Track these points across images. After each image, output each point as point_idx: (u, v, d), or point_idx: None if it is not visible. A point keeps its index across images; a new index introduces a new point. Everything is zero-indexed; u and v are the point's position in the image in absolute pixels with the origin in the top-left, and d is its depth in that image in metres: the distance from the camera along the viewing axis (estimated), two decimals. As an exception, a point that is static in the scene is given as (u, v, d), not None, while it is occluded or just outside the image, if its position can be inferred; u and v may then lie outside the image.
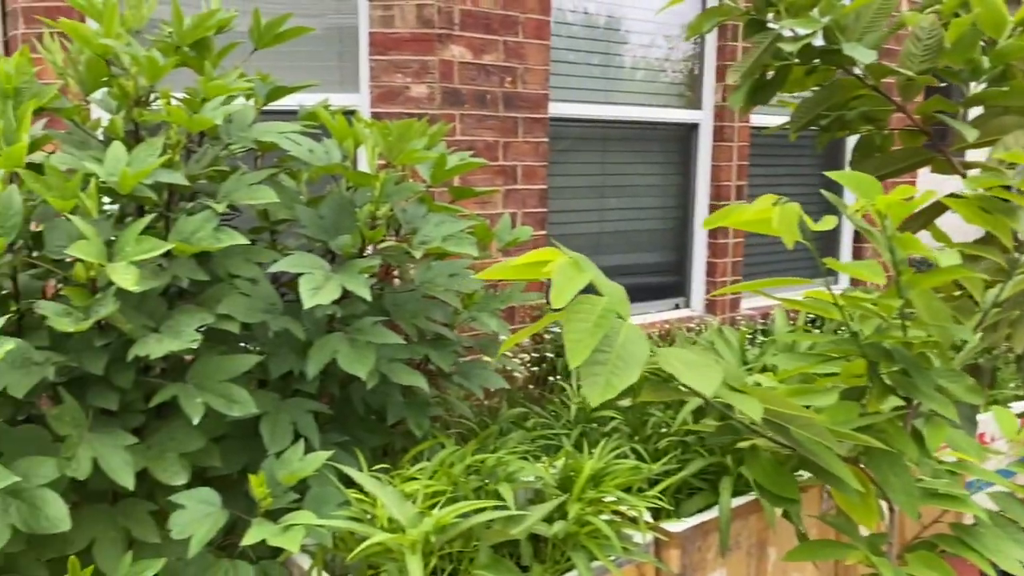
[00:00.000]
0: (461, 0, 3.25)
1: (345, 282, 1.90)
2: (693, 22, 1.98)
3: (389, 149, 2.01)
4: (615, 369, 1.03)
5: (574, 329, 1.03)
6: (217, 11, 2.08)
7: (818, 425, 1.08)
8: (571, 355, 1.03)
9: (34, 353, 1.69)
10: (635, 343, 1.05)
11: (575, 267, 1.09)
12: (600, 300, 1.09)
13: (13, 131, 1.63)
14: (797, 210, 1.05)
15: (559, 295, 1.04)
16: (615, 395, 1.03)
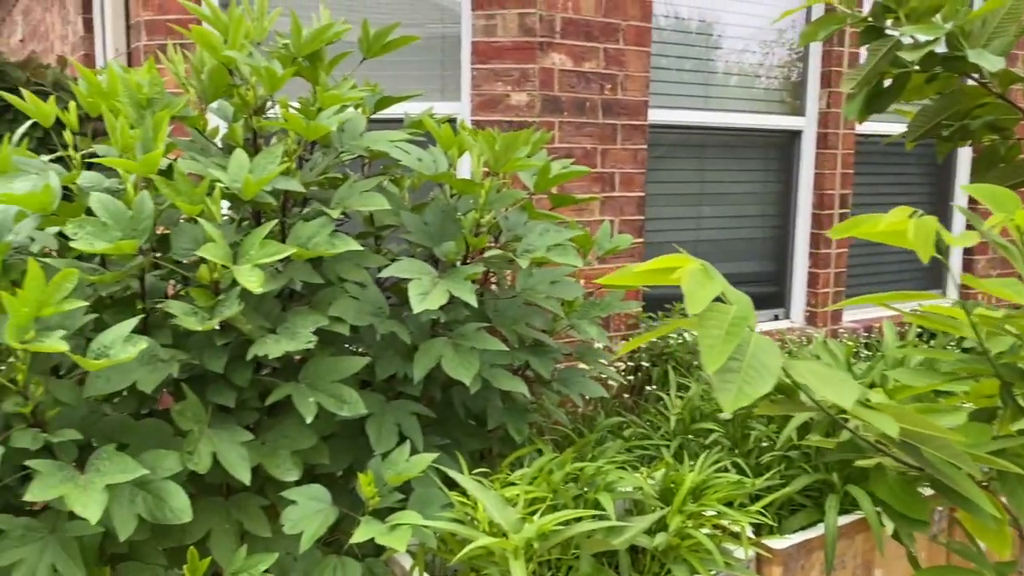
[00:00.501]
0: (563, 8, 3.26)
1: (451, 288, 1.93)
2: (807, 30, 1.94)
3: (495, 158, 2.03)
4: (748, 378, 1.02)
5: (707, 335, 1.03)
6: (333, 23, 2.14)
7: (954, 446, 1.04)
8: (706, 362, 1.03)
9: (160, 351, 1.77)
10: (766, 352, 1.04)
11: (706, 273, 1.08)
12: (730, 308, 1.08)
13: (150, 139, 1.72)
14: (935, 223, 1.02)
15: (694, 301, 1.04)
16: (749, 403, 1.02)
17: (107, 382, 1.70)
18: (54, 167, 1.95)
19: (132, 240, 1.69)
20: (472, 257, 2.19)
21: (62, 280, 1.57)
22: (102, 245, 1.66)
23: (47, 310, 1.54)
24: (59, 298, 1.57)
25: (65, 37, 5.35)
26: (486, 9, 3.25)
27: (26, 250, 1.86)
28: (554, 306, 2.14)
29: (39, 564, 1.58)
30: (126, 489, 1.62)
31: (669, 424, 2.53)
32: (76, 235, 1.66)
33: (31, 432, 1.62)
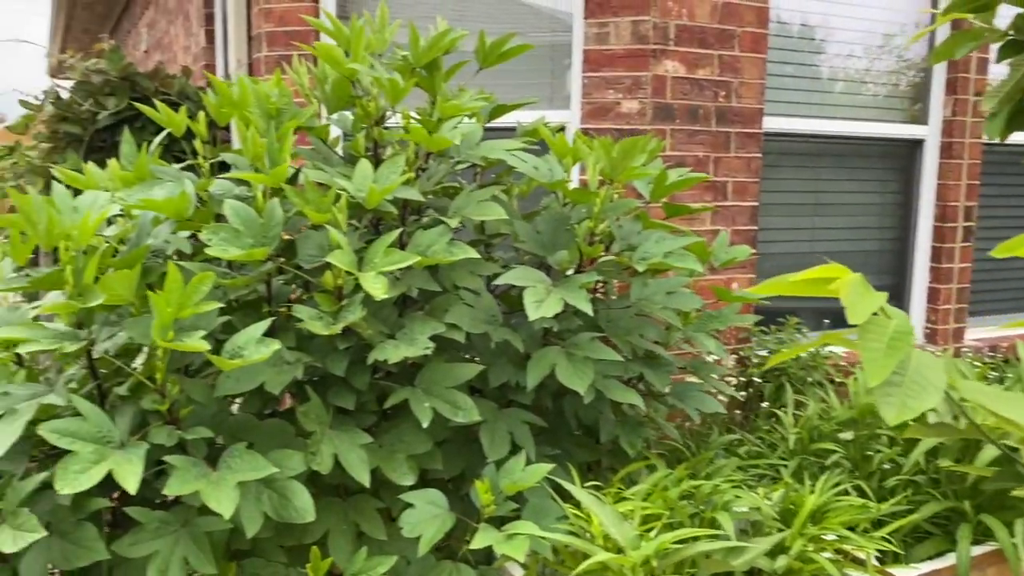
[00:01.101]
0: (677, 15, 3.22)
1: (566, 296, 1.92)
2: (941, 47, 1.85)
3: (612, 166, 2.01)
4: (910, 392, 0.98)
5: (869, 348, 0.99)
6: (450, 30, 2.17)
7: None
8: (869, 375, 0.99)
9: (287, 353, 1.82)
10: (930, 368, 0.99)
11: (866, 285, 1.04)
12: (890, 321, 1.04)
13: (276, 151, 1.78)
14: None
15: (855, 313, 1.00)
16: (912, 417, 0.97)
17: (237, 382, 1.76)
18: (188, 175, 2.04)
19: (263, 247, 1.74)
20: (585, 266, 2.18)
21: (199, 283, 1.64)
22: (235, 251, 1.72)
23: (186, 311, 1.61)
24: (196, 300, 1.63)
25: (188, 48, 5.61)
26: (599, 17, 3.24)
27: (163, 253, 1.95)
28: (671, 317, 2.10)
29: (172, 557, 1.64)
30: (253, 487, 1.67)
31: (785, 443, 2.45)
32: (211, 241, 1.73)
33: (167, 429, 1.69)
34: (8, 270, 2.06)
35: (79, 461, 1.50)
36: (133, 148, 2.03)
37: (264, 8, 3.65)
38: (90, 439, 1.55)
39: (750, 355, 3.38)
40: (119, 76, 3.82)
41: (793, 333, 3.40)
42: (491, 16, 3.76)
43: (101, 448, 1.55)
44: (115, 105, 3.69)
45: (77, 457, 1.50)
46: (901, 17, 3.89)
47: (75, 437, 1.54)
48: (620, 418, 2.22)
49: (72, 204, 1.84)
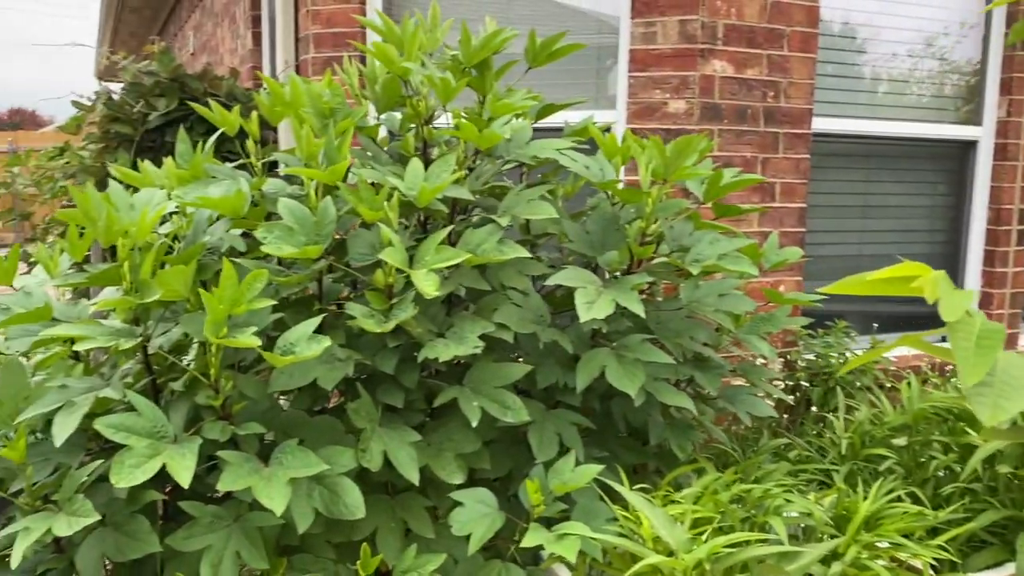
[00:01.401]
0: (726, 15, 3.18)
1: (617, 297, 1.90)
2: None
3: (665, 166, 1.99)
4: (1003, 392, 0.96)
5: (960, 347, 0.96)
6: (502, 30, 2.16)
7: None
8: (963, 374, 0.97)
9: (338, 350, 1.83)
10: (1018, 368, 0.97)
11: (950, 282, 1.02)
12: (975, 320, 1.01)
13: (333, 149, 1.79)
14: None
15: (951, 309, 0.98)
16: (1007, 417, 0.95)
17: (290, 378, 1.77)
18: (242, 174, 2.06)
19: (316, 245, 1.75)
20: (635, 267, 2.16)
21: (253, 280, 1.65)
22: (289, 249, 1.73)
23: (239, 308, 1.62)
24: (250, 297, 1.64)
25: (234, 50, 5.69)
26: (645, 16, 3.22)
27: (217, 250, 1.97)
28: (723, 319, 2.08)
29: (225, 551, 1.66)
30: (304, 483, 1.68)
31: (836, 448, 2.40)
32: (266, 238, 1.74)
33: (220, 424, 1.70)
34: (64, 265, 2.10)
35: (134, 456, 1.52)
36: (188, 147, 2.05)
37: (312, 10, 3.68)
38: (145, 434, 1.57)
39: (797, 358, 3.33)
40: (169, 78, 3.88)
41: (841, 337, 3.34)
42: (535, 17, 3.76)
43: (155, 443, 1.57)
44: (165, 106, 3.75)
45: (132, 452, 1.52)
46: (952, 16, 3.81)
47: (130, 432, 1.56)
48: (669, 420, 2.20)
49: (129, 201, 1.87)
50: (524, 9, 3.78)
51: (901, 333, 3.79)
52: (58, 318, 1.84)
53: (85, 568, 1.70)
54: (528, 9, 3.78)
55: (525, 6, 3.78)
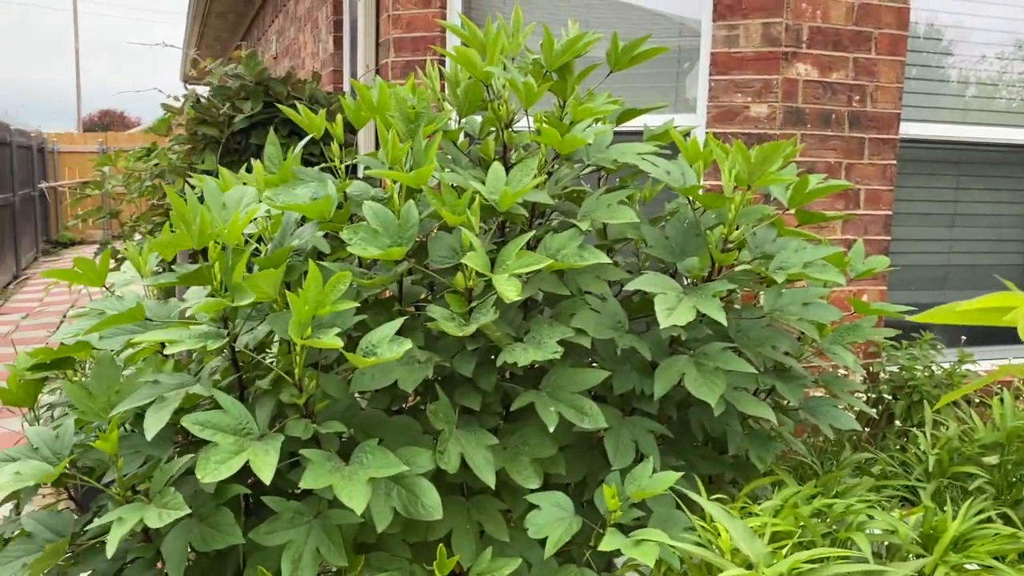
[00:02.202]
0: (811, 17, 3.11)
1: (698, 304, 1.88)
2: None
3: (750, 172, 1.96)
4: None
5: None
6: (585, 34, 2.16)
7: None
8: None
9: (418, 352, 1.85)
10: None
11: None
12: None
13: (420, 152, 1.81)
14: None
15: None
16: None
17: (372, 379, 1.79)
18: (328, 177, 2.10)
19: (399, 247, 1.77)
20: (716, 274, 2.12)
21: (336, 282, 1.68)
22: (374, 251, 1.76)
23: (323, 310, 1.65)
24: (334, 298, 1.67)
25: (315, 54, 5.81)
26: (728, 19, 3.17)
27: (302, 251, 2.01)
28: (807, 329, 2.03)
29: (305, 547, 1.69)
30: (383, 483, 1.70)
31: (922, 464, 2.32)
32: (351, 240, 1.77)
33: (303, 422, 1.74)
34: (153, 263, 2.17)
35: (219, 452, 1.56)
36: (278, 150, 2.10)
37: (392, 15, 3.73)
38: (230, 431, 1.61)
39: (880, 370, 3.23)
40: (254, 81, 3.99)
41: (927, 349, 3.24)
42: (613, 20, 3.74)
43: (240, 439, 1.61)
44: (251, 109, 3.85)
45: (217, 448, 1.57)
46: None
47: (216, 429, 1.60)
48: (748, 430, 2.16)
49: (221, 201, 1.92)
50: (603, 12, 3.76)
51: (990, 347, 3.65)
52: (150, 318, 1.90)
53: (171, 557, 1.75)
54: (607, 12, 3.76)
55: (604, 9, 3.76)
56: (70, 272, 2.01)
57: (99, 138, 17.59)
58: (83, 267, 2.01)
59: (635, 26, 3.66)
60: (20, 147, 12.45)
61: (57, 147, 16.71)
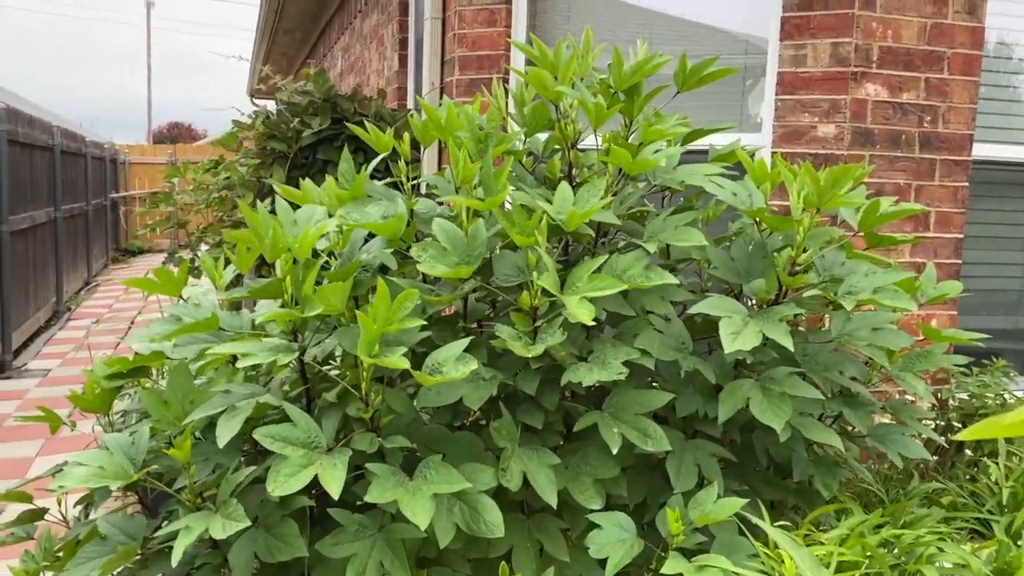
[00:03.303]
0: (881, 36, 3.07)
1: (764, 328, 1.86)
2: None
3: (819, 195, 1.94)
4: None
5: None
6: (655, 56, 2.16)
7: None
8: None
9: (482, 370, 1.87)
10: None
11: None
12: None
13: (491, 177, 1.83)
14: None
15: None
16: None
17: (437, 395, 1.81)
18: (397, 194, 2.14)
19: (467, 266, 1.80)
20: (783, 297, 2.10)
21: (404, 299, 1.71)
22: (443, 269, 1.78)
23: (391, 327, 1.68)
24: (401, 316, 1.70)
25: (380, 71, 5.91)
26: (796, 39, 3.14)
27: (370, 266, 2.05)
28: (877, 355, 1.99)
29: (369, 560, 1.71)
30: (447, 499, 1.72)
31: (995, 496, 2.25)
32: (420, 258, 1.80)
33: (368, 436, 1.77)
34: (228, 276, 2.23)
35: (289, 465, 1.59)
36: (351, 167, 2.15)
37: (458, 33, 3.78)
38: (299, 444, 1.65)
39: (949, 396, 3.15)
40: (322, 98, 4.07)
41: (999, 376, 3.14)
42: (678, 38, 3.73)
43: (309, 453, 1.64)
44: (319, 125, 3.94)
45: (287, 461, 1.60)
46: None
47: (286, 442, 1.64)
48: (813, 456, 2.12)
49: (292, 218, 1.97)
50: (666, 29, 3.76)
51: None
52: (224, 328, 1.95)
53: (237, 565, 1.79)
54: (670, 29, 3.75)
55: (667, 26, 3.75)
56: (149, 282, 2.08)
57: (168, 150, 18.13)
58: (162, 277, 2.07)
59: (698, 44, 3.65)
60: (94, 158, 12.90)
61: (128, 158, 17.27)
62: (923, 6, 3.08)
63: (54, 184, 9.59)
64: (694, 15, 3.67)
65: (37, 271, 8.69)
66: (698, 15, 3.65)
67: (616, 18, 3.81)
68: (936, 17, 3.10)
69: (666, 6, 3.71)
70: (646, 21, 3.77)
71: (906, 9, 3.06)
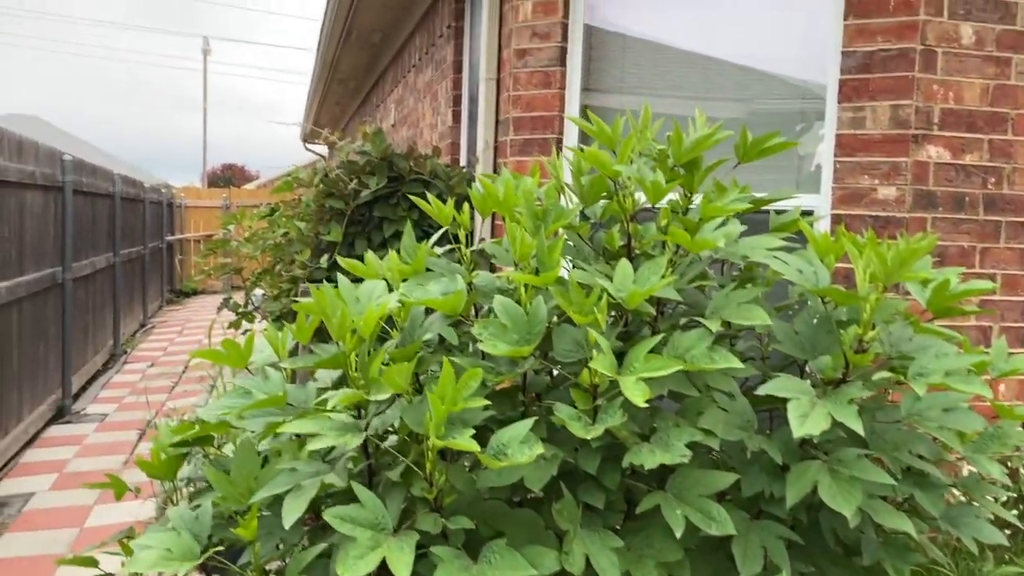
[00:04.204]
0: (942, 99, 3.03)
1: (833, 411, 1.82)
2: None
3: (886, 275, 1.90)
4: None
5: None
6: (715, 131, 2.16)
7: None
8: None
9: (543, 447, 1.86)
10: None
11: None
12: None
13: (546, 253, 1.84)
14: None
15: None
16: None
17: (499, 476, 1.81)
18: (456, 267, 2.16)
19: (528, 345, 1.80)
20: (849, 374, 2.06)
21: (469, 379, 1.72)
22: (504, 347, 1.79)
23: (457, 407, 1.69)
24: (465, 395, 1.71)
25: (434, 126, 6.01)
26: (854, 101, 3.12)
27: (432, 342, 2.06)
28: (948, 438, 1.94)
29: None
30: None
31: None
32: (482, 336, 1.81)
33: (432, 516, 1.76)
34: (289, 344, 2.27)
35: (358, 547, 1.60)
36: (412, 240, 2.18)
37: (512, 95, 3.84)
38: (367, 525, 1.65)
39: (1020, 465, 3.05)
40: (379, 157, 4.15)
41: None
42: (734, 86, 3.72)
43: (376, 535, 1.64)
44: (375, 184, 4.01)
45: (356, 544, 1.60)
46: None
47: (355, 523, 1.64)
48: (883, 538, 2.06)
49: (355, 295, 2.00)
50: (722, 76, 3.74)
51: None
52: (291, 403, 1.98)
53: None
54: (726, 76, 3.74)
55: (723, 73, 3.74)
56: (216, 353, 2.12)
57: (222, 194, 18.59)
58: (229, 349, 2.11)
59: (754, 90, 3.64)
60: (152, 203, 13.28)
61: (184, 202, 17.74)
62: (985, 68, 3.05)
63: (114, 230, 9.88)
64: (750, 61, 3.66)
65: (96, 315, 8.93)
66: (754, 61, 3.64)
67: (670, 67, 3.83)
68: (999, 79, 3.06)
69: (721, 52, 3.71)
70: (701, 68, 3.77)
71: (967, 71, 3.03)
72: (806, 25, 3.35)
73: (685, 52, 3.79)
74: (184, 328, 12.17)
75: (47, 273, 6.71)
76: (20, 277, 6.01)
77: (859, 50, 3.09)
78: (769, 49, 3.52)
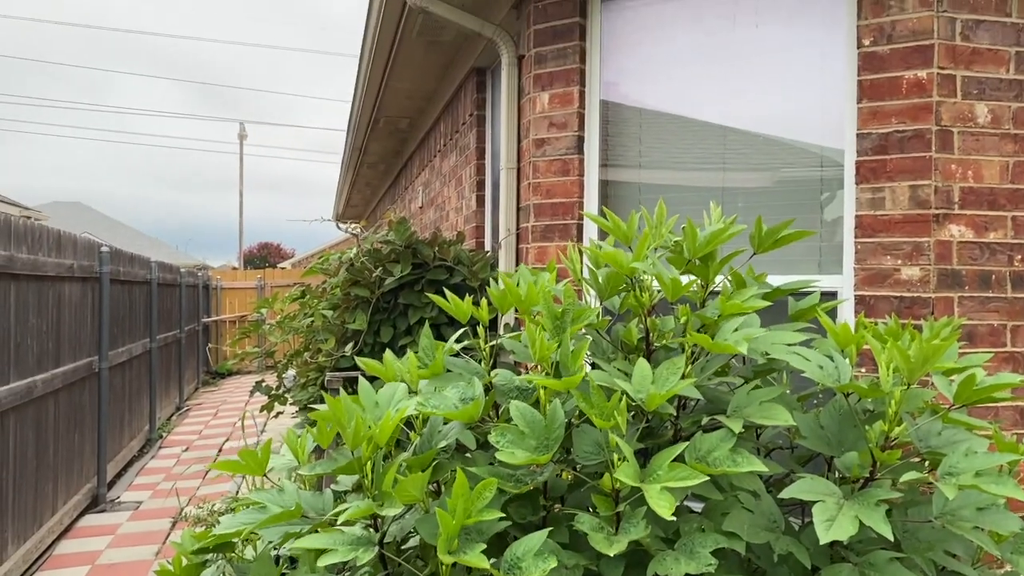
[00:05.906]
0: (962, 178, 3.02)
1: (861, 514, 1.77)
2: None
3: (910, 372, 1.87)
4: None
5: None
6: (729, 226, 2.17)
7: None
8: None
9: (564, 555, 1.82)
10: None
11: None
12: None
13: (568, 357, 1.84)
14: None
15: None
16: None
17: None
18: (475, 369, 2.16)
19: (546, 453, 1.78)
20: (876, 471, 2.01)
21: (483, 489, 1.70)
22: (522, 455, 1.77)
23: (470, 519, 1.67)
24: (480, 506, 1.69)
25: (459, 209, 6.10)
26: (871, 183, 3.12)
27: (449, 448, 2.05)
28: (982, 540, 1.87)
29: None
30: None
31: None
32: (499, 443, 1.80)
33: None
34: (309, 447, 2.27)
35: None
36: (431, 342, 2.19)
37: (532, 183, 3.89)
38: (385, 643, 1.62)
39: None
40: (403, 245, 4.21)
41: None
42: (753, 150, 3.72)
43: (394, 652, 1.61)
44: (400, 272, 4.05)
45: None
46: None
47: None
48: (921, 644, 1.98)
49: (374, 399, 2.01)
50: (740, 144, 3.74)
51: None
52: (307, 514, 1.97)
53: None
54: (744, 144, 3.73)
55: (741, 141, 3.74)
56: (235, 464, 2.12)
57: (257, 274, 18.91)
58: (247, 459, 2.12)
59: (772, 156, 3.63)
60: (188, 287, 13.53)
61: (220, 284, 18.05)
62: (1003, 146, 3.03)
63: (151, 316, 10.06)
64: (766, 129, 3.67)
65: (132, 401, 9.03)
66: (771, 129, 3.66)
67: (688, 138, 3.84)
68: (1018, 155, 3.04)
69: (738, 121, 3.72)
70: (719, 137, 3.78)
71: (985, 150, 3.02)
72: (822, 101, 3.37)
73: (703, 123, 3.82)
74: (219, 410, 12.25)
75: (84, 363, 6.83)
76: (57, 368, 6.11)
77: (874, 132, 3.10)
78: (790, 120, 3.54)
